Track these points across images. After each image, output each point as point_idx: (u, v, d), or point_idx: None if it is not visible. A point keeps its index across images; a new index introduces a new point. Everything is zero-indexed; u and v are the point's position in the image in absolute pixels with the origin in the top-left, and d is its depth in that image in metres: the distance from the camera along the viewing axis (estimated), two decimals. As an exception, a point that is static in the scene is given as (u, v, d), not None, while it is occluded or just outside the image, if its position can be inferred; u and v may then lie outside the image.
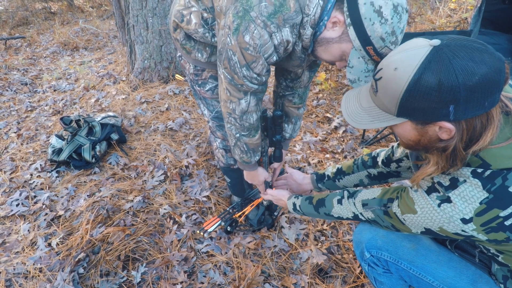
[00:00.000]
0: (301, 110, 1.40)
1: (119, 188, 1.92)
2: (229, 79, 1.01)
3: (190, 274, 1.45)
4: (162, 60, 3.22)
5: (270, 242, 1.58)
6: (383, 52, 0.86)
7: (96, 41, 5.26)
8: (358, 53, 0.90)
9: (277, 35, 0.90)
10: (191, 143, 2.33)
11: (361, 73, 0.93)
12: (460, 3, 4.00)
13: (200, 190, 1.90)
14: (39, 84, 3.69)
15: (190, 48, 1.18)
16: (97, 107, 2.93)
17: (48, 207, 1.81)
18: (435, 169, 0.71)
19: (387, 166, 1.11)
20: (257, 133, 1.17)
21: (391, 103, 0.67)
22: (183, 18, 1.10)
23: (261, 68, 0.97)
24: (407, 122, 0.69)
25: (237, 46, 0.92)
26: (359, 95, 0.80)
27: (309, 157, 2.22)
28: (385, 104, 0.69)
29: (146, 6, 2.94)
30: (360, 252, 1.00)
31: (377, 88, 0.70)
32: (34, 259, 1.49)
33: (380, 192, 0.89)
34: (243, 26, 0.89)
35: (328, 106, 2.90)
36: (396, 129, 0.74)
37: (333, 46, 0.94)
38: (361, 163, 1.18)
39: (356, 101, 0.80)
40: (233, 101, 1.06)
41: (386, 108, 0.69)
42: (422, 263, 0.89)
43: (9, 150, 2.38)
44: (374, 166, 1.14)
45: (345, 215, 0.97)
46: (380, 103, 0.71)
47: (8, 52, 4.81)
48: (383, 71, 0.68)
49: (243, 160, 1.24)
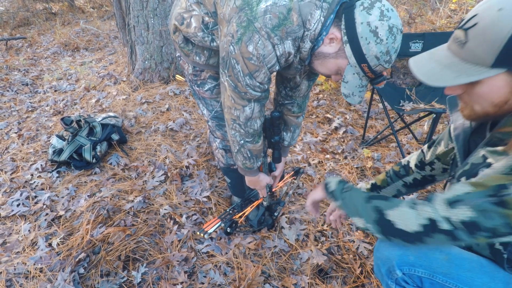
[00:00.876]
0: (300, 119, 1.43)
1: (120, 188, 1.92)
2: (233, 87, 1.02)
3: (191, 274, 1.45)
4: (163, 61, 3.22)
5: (270, 242, 1.58)
6: (377, 69, 0.90)
7: (97, 41, 5.27)
8: (353, 69, 0.92)
9: (279, 47, 0.92)
10: (191, 143, 2.34)
11: (355, 88, 0.96)
12: (461, 4, 4.00)
13: (200, 191, 1.90)
14: (40, 84, 3.70)
15: (188, 51, 1.19)
16: (98, 108, 2.93)
17: (49, 207, 1.81)
18: None
19: (421, 170, 1.06)
20: (260, 139, 1.19)
21: (489, 51, 0.59)
22: (183, 21, 1.11)
23: (263, 77, 0.99)
24: (500, 76, 0.60)
25: (240, 55, 0.93)
26: (433, 56, 0.71)
27: (309, 157, 2.22)
28: (479, 54, 0.60)
29: (147, 6, 2.94)
30: (387, 270, 0.89)
31: (467, 38, 0.62)
32: (35, 259, 1.49)
33: (471, 186, 0.66)
34: (246, 36, 0.90)
35: (329, 107, 2.90)
36: (480, 90, 0.64)
37: (329, 61, 0.97)
38: (394, 174, 1.14)
39: (431, 61, 0.70)
40: (237, 108, 1.07)
41: (479, 59, 0.61)
42: (457, 274, 0.82)
43: (10, 150, 2.39)
44: (407, 173, 1.10)
45: (412, 221, 0.69)
46: (469, 55, 0.62)
47: (9, 52, 4.82)
48: (479, 16, 0.60)
49: (246, 166, 1.25)
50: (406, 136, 2.50)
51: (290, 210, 1.77)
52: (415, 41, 2.16)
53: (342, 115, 2.75)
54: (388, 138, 2.41)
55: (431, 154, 1.02)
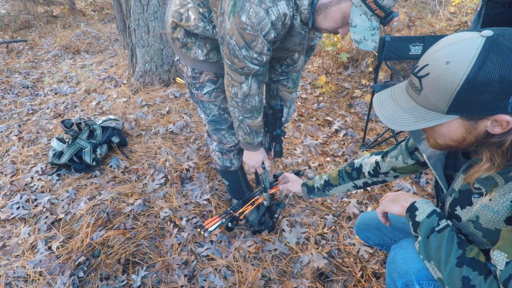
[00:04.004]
0: (294, 94, 1.43)
1: (120, 191, 1.92)
2: (229, 65, 1.04)
3: (191, 278, 1.44)
4: (163, 64, 3.23)
5: (270, 245, 1.57)
6: (385, 4, 0.85)
7: (98, 44, 5.29)
8: (359, 9, 0.87)
9: (273, 10, 0.90)
10: (191, 146, 2.33)
11: (366, 31, 0.90)
12: (460, 7, 4.01)
13: (200, 193, 1.89)
14: (41, 87, 3.70)
15: (191, 44, 1.19)
16: (98, 110, 2.94)
17: (49, 210, 1.81)
18: (489, 165, 0.67)
19: (374, 177, 1.13)
20: (260, 115, 1.19)
21: (442, 100, 0.63)
22: (182, 17, 1.12)
23: (261, 46, 0.98)
24: (455, 120, 0.65)
25: (234, 27, 0.93)
26: (393, 97, 0.75)
27: (310, 160, 2.22)
28: (433, 101, 0.65)
29: (148, 10, 2.95)
30: (403, 284, 0.87)
31: (421, 86, 0.66)
32: (34, 262, 1.49)
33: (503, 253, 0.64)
34: (238, 6, 0.90)
35: (329, 109, 2.91)
36: (439, 129, 0.69)
37: (332, 10, 0.92)
38: (346, 175, 1.20)
39: (392, 103, 0.74)
40: (234, 85, 1.08)
41: (434, 106, 0.65)
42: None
43: (10, 153, 2.39)
44: (358, 177, 1.17)
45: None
46: (425, 102, 0.66)
47: (10, 55, 4.83)
48: (430, 67, 0.64)
49: (246, 141, 1.27)
50: (406, 138, 2.50)
51: (291, 213, 1.76)
52: (415, 44, 2.16)
53: (342, 118, 2.75)
54: (388, 141, 2.41)
55: (387, 166, 1.08)
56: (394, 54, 2.19)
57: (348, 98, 3.07)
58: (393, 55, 2.19)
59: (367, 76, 3.38)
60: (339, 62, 3.51)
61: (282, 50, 1.18)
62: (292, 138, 2.48)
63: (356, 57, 3.55)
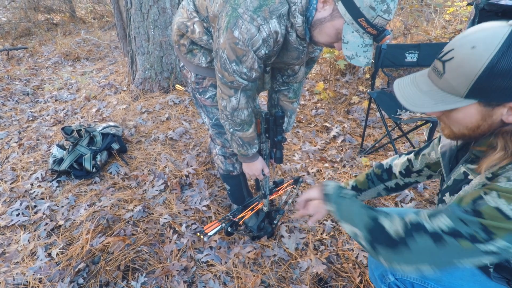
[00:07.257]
0: (295, 104, 1.45)
1: (120, 197, 1.93)
2: (220, 78, 1.08)
3: (190, 284, 1.45)
4: (163, 71, 3.26)
5: (269, 251, 1.58)
6: (376, 23, 0.86)
7: (98, 51, 5.33)
8: (351, 27, 0.89)
9: (264, 27, 0.94)
10: (191, 152, 2.35)
11: (358, 48, 0.92)
12: (455, 15, 4.08)
13: (200, 200, 1.90)
14: (41, 94, 3.73)
15: (197, 50, 1.24)
16: (98, 117, 2.96)
17: (48, 217, 1.81)
18: (503, 154, 0.67)
19: (406, 177, 1.09)
20: (250, 127, 1.22)
21: (462, 84, 0.65)
22: (187, 29, 1.17)
23: (251, 62, 1.00)
24: (472, 106, 0.66)
25: (227, 42, 0.97)
26: (415, 81, 0.76)
27: (308, 166, 2.24)
28: (454, 85, 0.66)
29: (148, 18, 2.99)
30: (380, 274, 0.93)
31: (444, 70, 0.68)
32: (34, 269, 1.49)
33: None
34: (231, 22, 0.94)
35: (327, 116, 2.93)
36: (456, 115, 0.70)
37: (326, 26, 0.95)
38: (376, 177, 1.14)
39: (412, 86, 0.75)
40: (224, 99, 1.12)
41: (454, 90, 0.67)
42: (449, 281, 0.85)
43: (10, 160, 2.39)
44: (390, 178, 1.11)
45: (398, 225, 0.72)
46: (445, 85, 0.68)
47: (11, 62, 4.86)
48: (455, 51, 0.66)
49: (241, 153, 1.29)
50: (403, 144, 2.53)
51: (290, 219, 1.77)
52: (410, 52, 2.20)
53: (340, 124, 2.78)
54: (386, 146, 2.44)
55: (420, 163, 1.05)
56: (390, 62, 2.22)
57: (346, 104, 3.10)
58: (389, 63, 2.23)
59: (364, 82, 3.42)
60: (337, 68, 3.55)
61: (281, 64, 1.21)
62: (290, 144, 2.50)
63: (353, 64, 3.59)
